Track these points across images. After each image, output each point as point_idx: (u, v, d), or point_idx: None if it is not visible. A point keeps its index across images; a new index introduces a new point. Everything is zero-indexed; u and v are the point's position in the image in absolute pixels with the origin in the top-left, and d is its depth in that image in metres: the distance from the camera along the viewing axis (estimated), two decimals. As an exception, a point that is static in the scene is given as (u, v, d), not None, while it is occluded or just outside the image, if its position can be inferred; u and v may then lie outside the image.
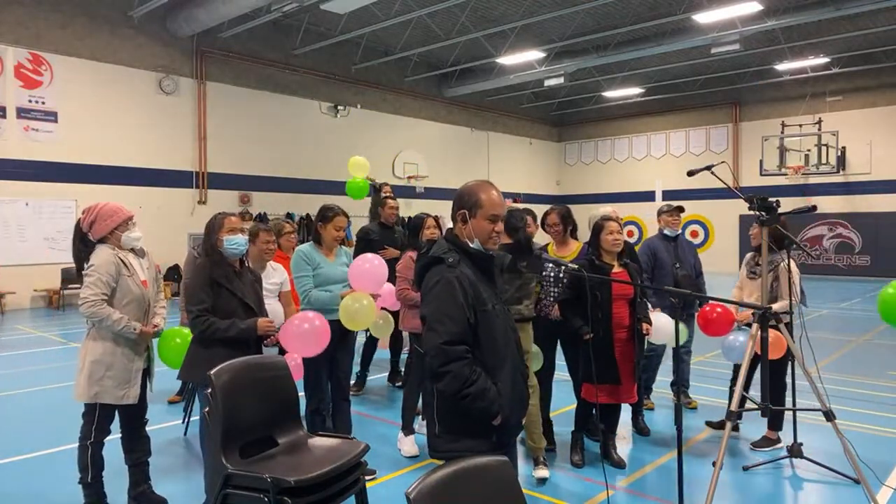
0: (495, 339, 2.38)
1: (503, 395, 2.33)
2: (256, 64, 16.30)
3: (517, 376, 2.45)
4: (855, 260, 19.93)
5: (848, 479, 3.95)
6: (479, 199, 2.40)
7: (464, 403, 2.27)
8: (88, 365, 3.36)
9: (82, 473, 3.43)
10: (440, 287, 2.32)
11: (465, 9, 15.00)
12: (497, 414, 2.31)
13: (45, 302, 12.99)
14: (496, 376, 2.34)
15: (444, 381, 2.27)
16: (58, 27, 13.05)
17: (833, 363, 7.44)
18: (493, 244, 2.44)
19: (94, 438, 3.42)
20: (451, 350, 2.26)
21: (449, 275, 2.32)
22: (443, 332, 2.27)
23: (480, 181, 2.49)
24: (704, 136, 23.06)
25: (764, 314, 3.65)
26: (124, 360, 3.40)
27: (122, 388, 3.39)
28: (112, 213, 3.46)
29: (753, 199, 3.80)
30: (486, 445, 2.32)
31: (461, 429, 2.35)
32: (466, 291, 2.31)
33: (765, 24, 14.45)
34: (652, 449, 4.63)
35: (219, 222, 3.60)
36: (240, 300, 3.54)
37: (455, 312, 2.29)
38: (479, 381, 2.28)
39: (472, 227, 2.40)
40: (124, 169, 13.94)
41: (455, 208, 2.46)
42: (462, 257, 2.38)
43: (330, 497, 2.68)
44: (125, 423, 3.57)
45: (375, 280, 4.23)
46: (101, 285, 3.31)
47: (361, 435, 4.35)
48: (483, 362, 2.34)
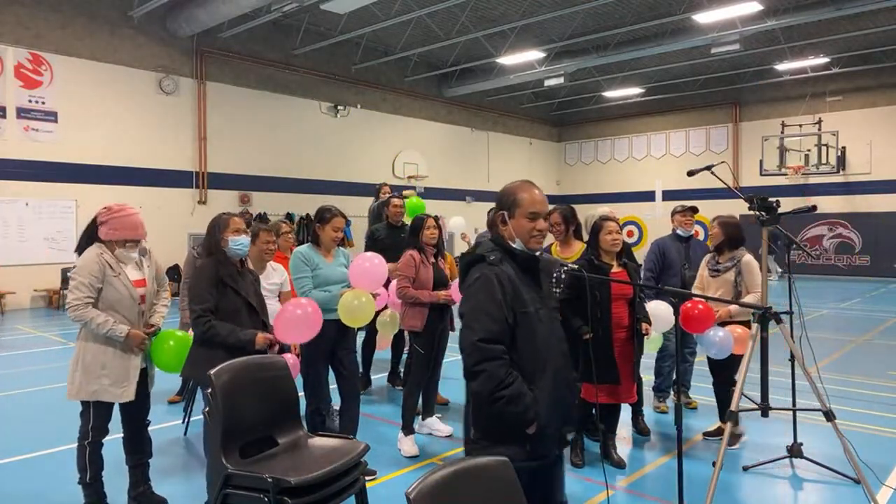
0: (535, 343, 2.27)
1: (540, 402, 2.22)
2: (256, 64, 16.29)
3: (560, 387, 2.32)
4: (855, 260, 19.93)
5: (848, 479, 3.95)
6: (516, 198, 2.34)
7: (496, 406, 2.18)
8: (83, 363, 3.34)
9: (81, 473, 3.42)
10: (479, 284, 2.25)
11: (465, 9, 15.00)
12: (532, 421, 2.20)
13: (45, 302, 12.99)
14: (534, 383, 2.23)
15: (478, 381, 2.18)
16: (58, 27, 13.05)
17: (833, 363, 7.44)
18: (536, 243, 2.35)
19: (92, 438, 3.40)
20: (486, 348, 2.18)
21: (488, 272, 2.25)
22: (479, 330, 2.19)
23: (519, 181, 2.43)
24: (704, 136, 23.06)
25: (764, 314, 3.65)
26: (120, 357, 3.37)
27: (119, 386, 3.36)
28: (127, 227, 3.43)
29: (753, 199, 3.80)
30: (520, 454, 2.20)
31: (496, 434, 2.25)
32: (506, 289, 2.23)
33: (765, 24, 14.45)
34: (652, 449, 4.64)
35: (224, 222, 3.62)
36: (244, 299, 3.58)
37: (493, 310, 2.21)
38: (515, 384, 2.18)
39: (512, 226, 2.34)
40: (124, 169, 13.94)
41: (494, 211, 2.41)
42: (505, 257, 2.31)
43: (330, 497, 2.69)
44: (127, 423, 3.56)
45: (375, 279, 4.25)
46: (84, 288, 3.28)
47: (361, 435, 4.35)
48: (520, 367, 2.23)
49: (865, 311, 12.08)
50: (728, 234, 4.62)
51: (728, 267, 4.56)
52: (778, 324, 3.66)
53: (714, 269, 4.66)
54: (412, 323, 4.64)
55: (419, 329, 4.62)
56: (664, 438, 4.83)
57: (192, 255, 5.77)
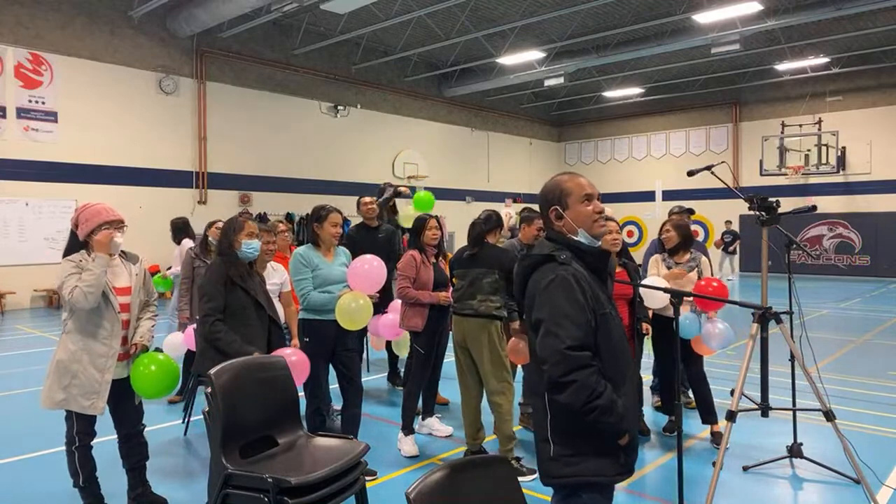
0: (616, 346, 2.10)
1: (629, 410, 2.07)
2: (256, 64, 16.30)
3: (635, 392, 2.22)
4: (855, 260, 19.93)
5: (848, 479, 3.95)
6: (564, 188, 2.16)
7: (590, 418, 1.98)
8: (56, 371, 3.23)
9: (74, 478, 3.38)
10: (555, 285, 2.03)
11: (465, 9, 15.00)
12: (626, 432, 2.05)
13: (45, 302, 12.99)
14: (619, 390, 2.05)
15: (568, 393, 1.97)
16: (58, 27, 13.05)
17: (833, 363, 7.44)
18: (600, 227, 2.16)
19: (80, 443, 3.32)
20: (575, 356, 1.97)
21: (563, 272, 2.04)
22: (565, 337, 1.97)
23: (558, 175, 2.25)
24: (704, 136, 23.06)
25: (764, 314, 3.65)
26: (92, 370, 3.23)
27: (88, 398, 3.23)
28: (93, 214, 3.27)
29: (753, 199, 3.81)
30: (614, 468, 2.07)
31: (586, 447, 2.06)
32: (585, 291, 2.04)
33: (765, 24, 14.45)
34: (652, 449, 4.63)
35: (239, 224, 3.68)
36: (252, 299, 3.64)
37: (576, 314, 2.00)
38: (606, 393, 1.99)
39: (570, 217, 2.14)
40: (124, 169, 13.94)
41: (544, 211, 2.21)
42: (573, 256, 2.11)
43: (330, 497, 2.68)
44: (119, 430, 3.49)
45: (373, 281, 4.23)
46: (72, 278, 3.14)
47: (362, 435, 4.34)
48: (605, 373, 2.04)
49: (865, 311, 12.08)
50: (683, 236, 4.83)
51: (692, 266, 4.75)
52: (778, 324, 3.67)
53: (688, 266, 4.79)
54: (413, 323, 4.64)
55: (420, 329, 4.62)
56: (664, 438, 4.83)
57: (190, 256, 5.78)
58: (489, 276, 4.20)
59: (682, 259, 4.78)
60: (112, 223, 3.28)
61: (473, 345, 4.24)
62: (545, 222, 2.24)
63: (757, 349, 3.71)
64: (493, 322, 4.20)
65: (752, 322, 3.75)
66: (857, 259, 19.88)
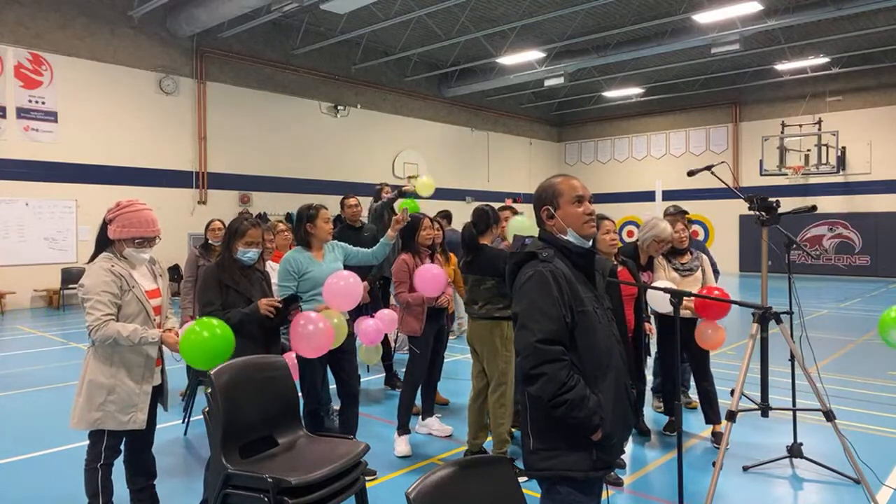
0: (596, 344, 2.14)
1: (605, 408, 2.09)
2: (256, 64, 16.30)
3: (621, 392, 2.19)
4: (855, 260, 19.93)
5: (848, 479, 3.95)
6: (556, 189, 2.26)
7: (559, 412, 2.04)
8: (88, 389, 3.04)
9: (92, 499, 3.11)
10: (532, 282, 2.12)
11: (465, 9, 15.00)
12: (597, 427, 2.06)
13: (45, 302, 12.97)
14: (597, 387, 2.10)
15: (538, 385, 2.04)
16: (58, 27, 13.05)
17: (833, 363, 7.44)
18: (590, 227, 2.24)
19: (105, 460, 3.11)
20: (545, 349, 2.04)
21: (542, 268, 2.13)
22: (537, 330, 2.05)
23: (553, 176, 2.35)
24: (704, 136, 23.06)
25: (764, 314, 3.65)
26: (130, 382, 3.08)
27: (126, 413, 3.06)
28: (136, 223, 3.11)
29: (753, 200, 3.81)
30: (586, 463, 2.10)
31: (560, 442, 2.11)
32: (562, 287, 2.10)
33: (765, 24, 14.45)
34: (652, 449, 4.63)
35: (242, 231, 3.66)
36: (247, 299, 3.64)
37: (550, 309, 2.07)
38: (577, 387, 2.04)
39: (560, 217, 2.23)
40: (124, 169, 13.94)
41: (537, 210, 2.30)
42: (557, 253, 2.19)
43: (330, 497, 2.68)
44: (129, 445, 3.28)
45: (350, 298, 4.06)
46: (102, 306, 2.97)
47: (361, 435, 4.35)
48: (581, 370, 2.09)
49: (865, 311, 12.08)
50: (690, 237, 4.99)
51: (697, 265, 4.83)
52: (778, 324, 3.67)
53: (686, 270, 4.81)
54: (410, 328, 4.64)
55: (418, 334, 4.62)
56: (664, 438, 4.83)
57: (194, 255, 5.80)
58: (486, 283, 4.15)
59: (687, 259, 4.84)
60: (148, 240, 3.16)
61: (479, 345, 4.25)
62: (538, 221, 2.32)
63: (757, 349, 3.71)
64: (499, 323, 4.15)
65: (752, 322, 3.75)
66: (857, 259, 19.88)
